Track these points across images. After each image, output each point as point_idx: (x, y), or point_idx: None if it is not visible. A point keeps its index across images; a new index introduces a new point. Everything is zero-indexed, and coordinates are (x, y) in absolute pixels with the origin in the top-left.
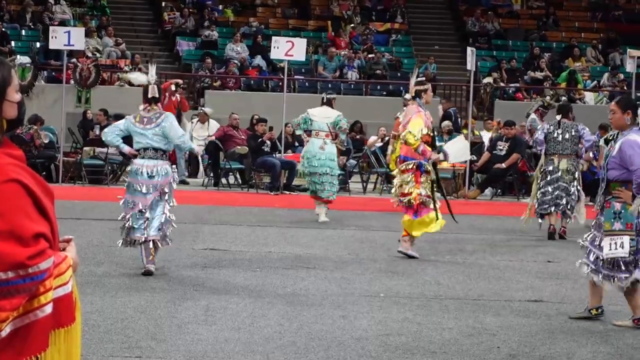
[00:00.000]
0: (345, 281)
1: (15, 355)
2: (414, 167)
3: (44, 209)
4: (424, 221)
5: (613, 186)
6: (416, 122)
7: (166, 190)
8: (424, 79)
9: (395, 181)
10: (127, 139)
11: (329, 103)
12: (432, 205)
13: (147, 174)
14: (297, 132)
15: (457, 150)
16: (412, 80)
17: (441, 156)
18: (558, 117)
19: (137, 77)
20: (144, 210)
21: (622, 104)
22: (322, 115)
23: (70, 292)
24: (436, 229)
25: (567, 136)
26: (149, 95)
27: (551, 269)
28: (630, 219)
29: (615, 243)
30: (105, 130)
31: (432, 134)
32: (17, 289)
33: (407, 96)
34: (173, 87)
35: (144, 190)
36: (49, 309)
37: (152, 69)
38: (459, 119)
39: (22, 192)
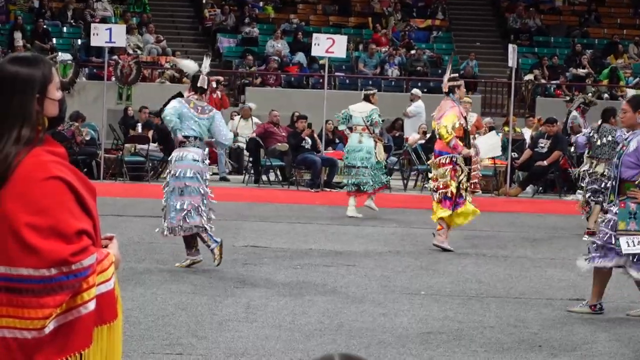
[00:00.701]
0: (385, 278)
1: (58, 352)
2: (449, 161)
3: (87, 206)
4: (463, 212)
5: (627, 186)
6: (450, 116)
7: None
8: (457, 75)
9: (432, 175)
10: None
11: (367, 98)
12: (467, 198)
13: (193, 159)
14: (340, 128)
15: (489, 145)
16: (446, 76)
17: (472, 151)
18: (599, 122)
19: (188, 64)
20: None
21: (634, 103)
22: (360, 110)
23: (113, 288)
24: (471, 218)
25: (604, 141)
26: (198, 85)
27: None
28: None
29: (633, 241)
30: (167, 111)
31: (465, 129)
32: (61, 286)
33: (415, 91)
34: (214, 84)
35: (190, 175)
36: (92, 305)
37: (207, 61)
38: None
39: (65, 189)
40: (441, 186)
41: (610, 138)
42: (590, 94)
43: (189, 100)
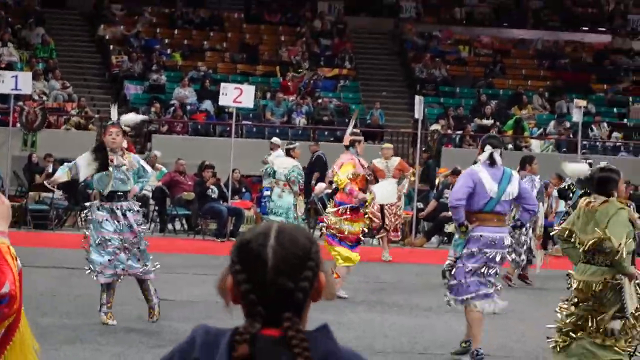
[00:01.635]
0: None
1: None
2: (347, 210)
3: None
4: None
5: None
6: (346, 166)
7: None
8: (358, 130)
9: (331, 220)
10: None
11: (287, 153)
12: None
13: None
14: (264, 183)
15: (387, 192)
16: (349, 130)
17: (368, 196)
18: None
19: (130, 118)
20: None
21: None
22: (282, 166)
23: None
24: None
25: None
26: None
27: (498, 319)
28: None
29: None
30: None
31: (367, 178)
32: None
33: (274, 139)
34: None
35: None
36: None
37: (114, 110)
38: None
39: None
40: (340, 229)
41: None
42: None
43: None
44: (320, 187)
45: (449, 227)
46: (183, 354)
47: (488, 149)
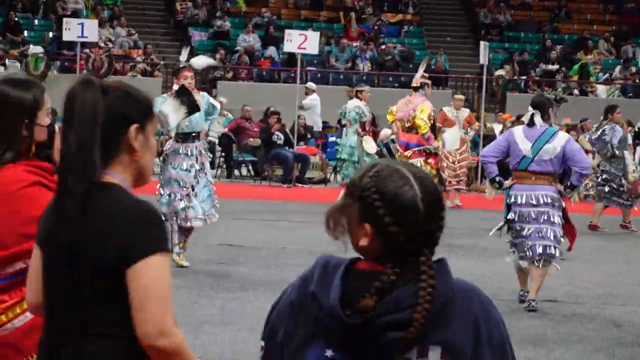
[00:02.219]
0: None
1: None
2: (419, 152)
3: None
4: None
5: None
6: (425, 108)
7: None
8: (427, 74)
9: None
10: None
11: (356, 95)
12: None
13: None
14: (343, 122)
15: (452, 140)
16: (419, 72)
17: (440, 143)
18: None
19: (199, 60)
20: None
21: None
22: (349, 107)
23: None
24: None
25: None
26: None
27: (564, 267)
28: None
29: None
30: None
31: (434, 123)
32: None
33: (310, 84)
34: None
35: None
36: None
37: (185, 52)
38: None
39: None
40: None
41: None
42: (560, 90)
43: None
44: (385, 132)
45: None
46: (301, 288)
47: (529, 109)
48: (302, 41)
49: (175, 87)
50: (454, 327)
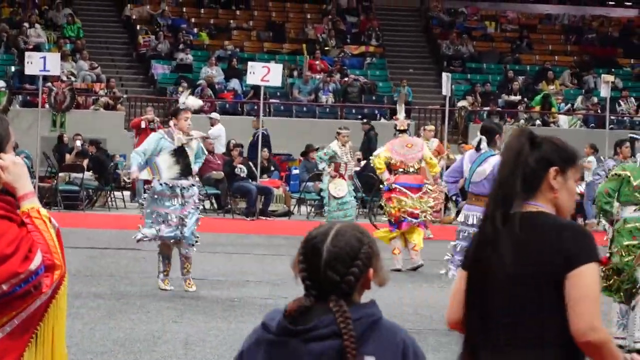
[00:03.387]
0: None
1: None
2: (418, 189)
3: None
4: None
5: None
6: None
7: None
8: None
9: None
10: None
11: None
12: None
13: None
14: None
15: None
16: (402, 114)
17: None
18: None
19: (193, 102)
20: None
21: None
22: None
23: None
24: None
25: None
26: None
27: None
28: None
29: None
30: (133, 154)
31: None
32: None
33: (214, 115)
34: (143, 125)
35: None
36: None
37: (186, 93)
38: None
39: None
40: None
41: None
42: (523, 121)
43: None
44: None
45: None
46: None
47: (477, 135)
48: (265, 73)
49: (172, 124)
50: (384, 344)
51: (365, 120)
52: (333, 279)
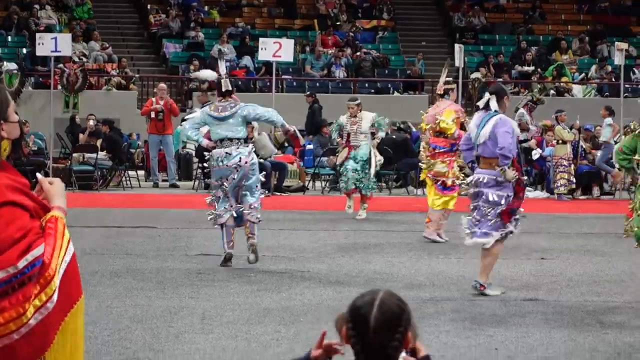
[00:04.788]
0: (339, 284)
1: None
2: (445, 153)
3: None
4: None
5: None
6: (449, 112)
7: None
8: (451, 79)
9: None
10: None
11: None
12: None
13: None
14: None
15: None
16: (442, 79)
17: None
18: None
19: (206, 74)
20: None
21: None
22: None
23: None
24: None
25: None
26: (223, 89)
27: (545, 266)
28: None
29: None
30: (185, 125)
31: (463, 124)
32: (13, 286)
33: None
34: (152, 115)
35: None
36: (56, 297)
37: (222, 64)
38: None
39: (18, 212)
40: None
41: None
42: (536, 91)
43: (211, 105)
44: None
45: None
46: None
47: (486, 95)
48: (277, 49)
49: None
50: None
51: (308, 93)
52: (381, 344)
